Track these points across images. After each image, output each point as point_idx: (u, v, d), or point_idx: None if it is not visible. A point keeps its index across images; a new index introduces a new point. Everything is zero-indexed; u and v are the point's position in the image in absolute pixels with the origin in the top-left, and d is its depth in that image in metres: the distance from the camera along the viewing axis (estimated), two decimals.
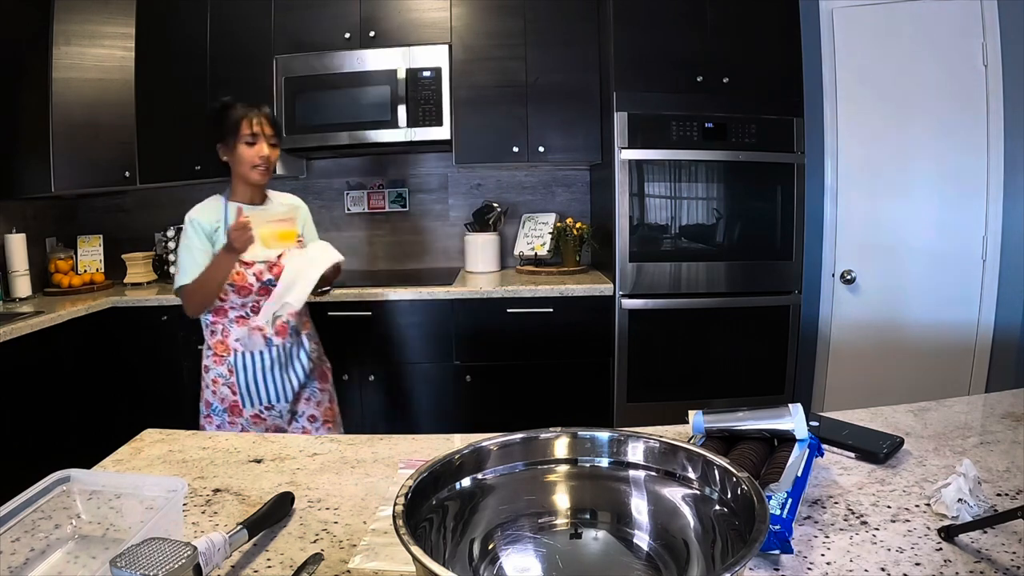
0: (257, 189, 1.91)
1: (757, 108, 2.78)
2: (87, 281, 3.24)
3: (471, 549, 0.66)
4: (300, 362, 1.90)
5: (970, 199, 2.85)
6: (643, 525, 0.69)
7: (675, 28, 2.78)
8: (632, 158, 2.77)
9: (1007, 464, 0.93)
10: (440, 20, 3.02)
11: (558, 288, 2.84)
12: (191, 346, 2.95)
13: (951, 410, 1.16)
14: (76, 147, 3.00)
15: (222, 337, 1.86)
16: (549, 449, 0.73)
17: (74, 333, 2.69)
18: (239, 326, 1.85)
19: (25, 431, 2.43)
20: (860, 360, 3.08)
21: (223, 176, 1.96)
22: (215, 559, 0.68)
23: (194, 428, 1.18)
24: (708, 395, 2.90)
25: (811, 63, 2.95)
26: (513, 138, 3.06)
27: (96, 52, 3.06)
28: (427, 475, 0.65)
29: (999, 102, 2.76)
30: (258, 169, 1.82)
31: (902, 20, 2.86)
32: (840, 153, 3.03)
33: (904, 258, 2.96)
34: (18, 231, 3.00)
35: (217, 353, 1.87)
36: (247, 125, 1.78)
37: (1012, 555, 0.70)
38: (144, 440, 1.15)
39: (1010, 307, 2.83)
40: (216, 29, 3.10)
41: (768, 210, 2.85)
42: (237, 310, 1.84)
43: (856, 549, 0.73)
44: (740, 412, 0.96)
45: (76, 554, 0.76)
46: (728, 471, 0.63)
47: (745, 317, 2.87)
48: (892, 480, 0.90)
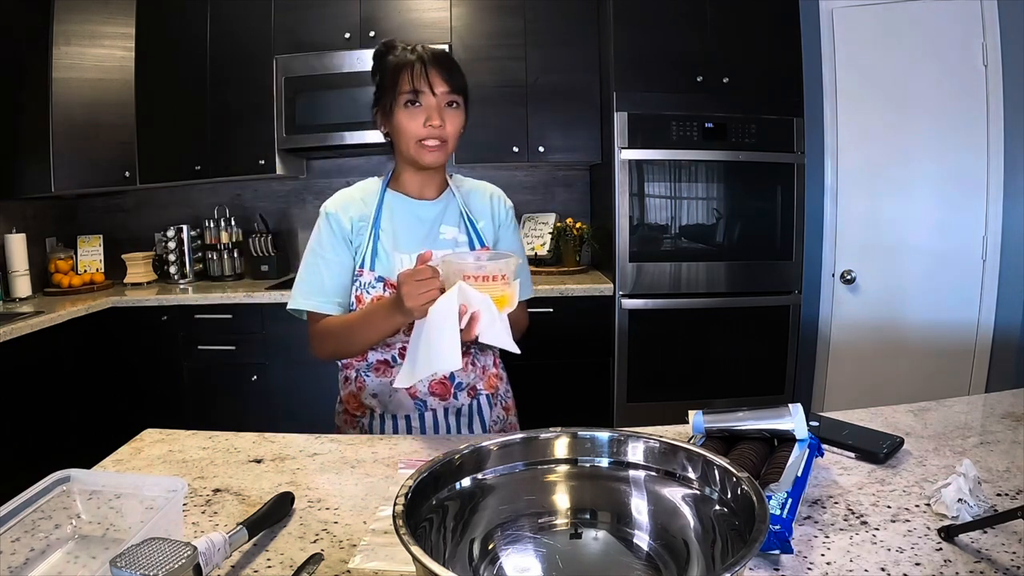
0: (430, 177, 1.31)
1: (757, 108, 2.78)
2: (87, 281, 3.24)
3: (471, 549, 0.66)
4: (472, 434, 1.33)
5: (970, 199, 2.85)
6: (643, 525, 0.69)
7: (675, 28, 2.78)
8: (632, 158, 2.77)
9: (1007, 464, 0.93)
10: (440, 20, 3.02)
11: (558, 288, 2.84)
12: (191, 346, 2.95)
13: (951, 410, 1.16)
14: (76, 147, 3.00)
15: (355, 389, 1.32)
16: (549, 449, 0.73)
17: (74, 333, 2.70)
18: (378, 375, 1.29)
19: (25, 431, 2.43)
20: (860, 360, 3.08)
21: (223, 176, 1.88)
22: (215, 559, 0.68)
23: (193, 428, 1.18)
24: (708, 395, 2.90)
25: (811, 63, 2.95)
26: (513, 138, 3.06)
27: (96, 52, 3.06)
28: (427, 475, 0.65)
29: (999, 102, 2.76)
30: (426, 146, 1.21)
31: (902, 20, 2.86)
32: (840, 153, 3.02)
33: (904, 258, 2.96)
34: (18, 231, 3.00)
35: (349, 411, 1.35)
36: (407, 79, 1.19)
37: (1012, 555, 0.70)
38: (144, 440, 1.15)
39: (1010, 307, 2.83)
40: (216, 29, 3.10)
41: (768, 210, 2.85)
42: (378, 352, 1.29)
43: (856, 549, 0.73)
44: (740, 412, 0.96)
45: (76, 554, 0.76)
46: (728, 471, 0.63)
47: (745, 317, 2.87)
48: (892, 480, 0.90)
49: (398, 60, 1.22)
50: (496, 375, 1.41)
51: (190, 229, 3.33)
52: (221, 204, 3.43)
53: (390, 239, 1.28)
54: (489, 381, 1.37)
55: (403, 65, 1.20)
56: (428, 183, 1.32)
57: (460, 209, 1.34)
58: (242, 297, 2.92)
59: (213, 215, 3.38)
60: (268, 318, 2.91)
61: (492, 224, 1.37)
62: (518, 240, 1.43)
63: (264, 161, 3.08)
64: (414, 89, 1.19)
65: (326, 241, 1.29)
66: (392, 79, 1.21)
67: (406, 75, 1.19)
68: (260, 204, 3.51)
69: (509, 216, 1.40)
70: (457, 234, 1.32)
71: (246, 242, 3.35)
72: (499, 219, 1.38)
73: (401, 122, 1.21)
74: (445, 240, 1.31)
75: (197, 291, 3.06)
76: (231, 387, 2.96)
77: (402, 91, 1.20)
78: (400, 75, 1.20)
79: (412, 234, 1.30)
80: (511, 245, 1.38)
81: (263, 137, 3.06)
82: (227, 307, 2.93)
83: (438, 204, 1.33)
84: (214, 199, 3.47)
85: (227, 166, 3.14)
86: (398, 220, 1.30)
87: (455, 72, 1.22)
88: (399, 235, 1.29)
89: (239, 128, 3.09)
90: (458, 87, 1.22)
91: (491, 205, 1.38)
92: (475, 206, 1.37)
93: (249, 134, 3.08)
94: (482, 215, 1.37)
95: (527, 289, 1.39)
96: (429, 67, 1.19)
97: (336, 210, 1.31)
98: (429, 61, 1.20)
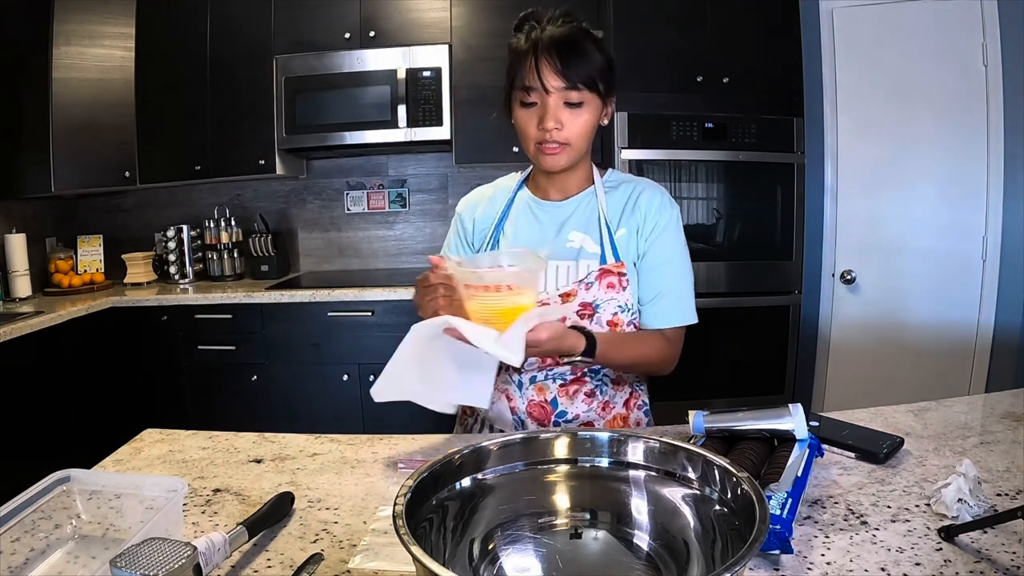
0: (561, 176, 1.17)
1: (757, 108, 2.78)
2: (87, 281, 3.23)
3: (471, 549, 0.66)
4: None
5: (970, 199, 2.84)
6: (643, 525, 0.69)
7: (675, 28, 2.78)
8: (632, 158, 2.77)
9: (1007, 464, 0.93)
10: (440, 20, 3.02)
11: None
12: (191, 346, 2.95)
13: (951, 410, 1.16)
14: (76, 147, 3.00)
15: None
16: (549, 449, 0.73)
17: (74, 333, 2.69)
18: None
19: (25, 431, 2.43)
20: (860, 360, 3.08)
21: (223, 176, 1.87)
22: (215, 559, 0.68)
23: (194, 428, 1.18)
24: (708, 395, 2.89)
25: (811, 63, 2.95)
26: (513, 138, 3.01)
27: (96, 52, 3.06)
28: (427, 475, 0.65)
29: (999, 102, 2.75)
30: (543, 151, 1.09)
31: (902, 20, 2.86)
32: (840, 153, 3.02)
33: (904, 258, 2.96)
34: (18, 231, 3.00)
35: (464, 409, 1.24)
36: (520, 71, 1.05)
37: (1012, 555, 0.70)
38: (144, 440, 1.15)
39: (1010, 307, 2.83)
40: (216, 29, 3.10)
41: (768, 210, 2.85)
42: None
43: (856, 549, 0.73)
44: (740, 412, 0.96)
45: (76, 554, 0.76)
46: (728, 471, 0.63)
47: (745, 317, 2.87)
48: (892, 480, 0.90)
49: (516, 45, 1.07)
50: (624, 416, 1.19)
51: (190, 229, 3.33)
52: (221, 204, 3.43)
53: (509, 242, 1.18)
54: (613, 422, 1.17)
55: (520, 53, 1.05)
56: (558, 182, 1.18)
57: (599, 213, 1.15)
58: (242, 297, 2.92)
59: (213, 215, 3.38)
60: (268, 318, 2.91)
61: (636, 235, 1.14)
62: (673, 252, 1.15)
63: (264, 161, 3.08)
64: (526, 86, 1.05)
65: (451, 242, 1.25)
66: (510, 68, 1.07)
67: (520, 66, 1.04)
68: (260, 204, 3.51)
69: (662, 224, 1.14)
70: (585, 241, 1.15)
71: (246, 242, 3.35)
72: (647, 227, 1.14)
73: (518, 121, 1.10)
74: (570, 248, 1.15)
75: (197, 291, 3.06)
76: (231, 387, 2.96)
77: (517, 86, 1.06)
78: (516, 65, 1.06)
79: (530, 237, 1.17)
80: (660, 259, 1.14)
81: (263, 137, 3.06)
82: (227, 307, 2.93)
83: (566, 206, 1.17)
84: (214, 199, 3.47)
85: (227, 166, 3.14)
86: (521, 222, 1.19)
87: (577, 62, 1.02)
88: (518, 238, 1.18)
89: (239, 128, 3.09)
90: (582, 81, 1.03)
91: (638, 210, 1.15)
92: (618, 210, 1.16)
93: (249, 134, 3.08)
94: (625, 222, 1.15)
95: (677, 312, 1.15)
96: (541, 58, 1.02)
97: (463, 210, 1.24)
98: (543, 49, 1.02)
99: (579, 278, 1.13)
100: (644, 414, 1.26)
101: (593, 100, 1.07)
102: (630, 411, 1.22)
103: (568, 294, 1.12)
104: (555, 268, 1.14)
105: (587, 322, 1.12)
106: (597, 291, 1.12)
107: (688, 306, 1.17)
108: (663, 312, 1.15)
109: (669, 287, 1.14)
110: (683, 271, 1.17)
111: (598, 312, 1.12)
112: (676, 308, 1.16)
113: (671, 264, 1.15)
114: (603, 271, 1.12)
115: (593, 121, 1.09)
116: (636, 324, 1.16)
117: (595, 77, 1.05)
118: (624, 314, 1.13)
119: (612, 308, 1.12)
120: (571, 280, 1.13)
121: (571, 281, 1.13)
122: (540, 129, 1.06)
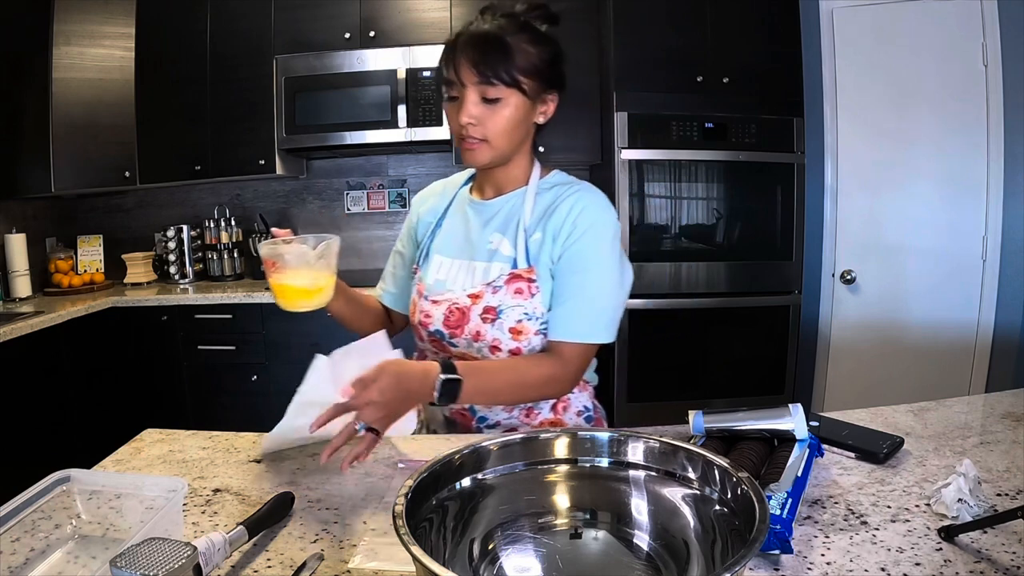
0: (492, 173, 1.14)
1: (757, 108, 2.78)
2: (87, 281, 3.24)
3: (471, 549, 0.66)
4: None
5: (970, 199, 2.84)
6: (643, 525, 0.69)
7: (675, 28, 2.78)
8: (632, 158, 2.77)
9: (1007, 464, 0.93)
10: (440, 20, 3.02)
11: None
12: (191, 346, 2.95)
13: (951, 410, 1.16)
14: (76, 147, 3.00)
15: None
16: (549, 449, 0.73)
17: (74, 333, 2.69)
18: None
19: (25, 431, 2.43)
20: (860, 360, 3.08)
21: (223, 176, 1.88)
22: (215, 559, 0.68)
23: (194, 428, 1.18)
24: (708, 395, 2.90)
25: (811, 63, 2.95)
26: None
27: (96, 52, 3.06)
28: (427, 475, 0.65)
29: (999, 102, 2.75)
30: (463, 146, 1.06)
31: (902, 20, 2.86)
32: (840, 153, 3.02)
33: (904, 258, 2.96)
34: (18, 231, 3.00)
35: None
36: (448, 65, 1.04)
37: (1012, 555, 0.70)
38: (144, 440, 1.15)
39: (1010, 307, 2.83)
40: (216, 29, 3.10)
41: (768, 210, 2.85)
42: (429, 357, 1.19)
43: (856, 549, 0.73)
44: (740, 412, 0.96)
45: (76, 554, 0.76)
46: (728, 471, 0.63)
47: (745, 317, 2.87)
48: (892, 480, 0.90)
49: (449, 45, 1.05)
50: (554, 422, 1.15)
51: (190, 229, 3.33)
52: (221, 204, 3.43)
53: (441, 239, 1.19)
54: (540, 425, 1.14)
55: (446, 47, 1.05)
56: (490, 180, 1.15)
57: (520, 214, 1.11)
58: (242, 297, 2.92)
59: (213, 215, 3.38)
60: (268, 318, 2.91)
61: (552, 240, 1.08)
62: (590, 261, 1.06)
63: (264, 161, 3.08)
64: (447, 79, 1.04)
65: (402, 232, 1.28)
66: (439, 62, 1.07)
67: (445, 60, 1.04)
68: (260, 204, 3.51)
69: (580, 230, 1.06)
70: (503, 244, 1.11)
71: (246, 242, 3.35)
72: (564, 233, 1.07)
73: (446, 114, 1.08)
74: (489, 249, 1.12)
75: (197, 291, 3.06)
76: (231, 387, 2.96)
77: (442, 79, 1.06)
78: (443, 59, 1.05)
79: (457, 236, 1.17)
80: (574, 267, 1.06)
81: (263, 137, 3.06)
82: (227, 307, 2.93)
83: (493, 206, 1.14)
84: (214, 199, 3.47)
85: (227, 166, 3.14)
86: (453, 219, 1.19)
87: (495, 58, 1.00)
88: (447, 236, 1.19)
89: (239, 128, 3.09)
90: (497, 76, 1.00)
91: (558, 214, 1.08)
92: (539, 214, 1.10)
93: (249, 134, 3.08)
94: (543, 227, 1.09)
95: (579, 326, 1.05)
96: (460, 52, 1.01)
97: (415, 203, 1.27)
98: (462, 44, 1.02)
99: (488, 280, 1.09)
100: (586, 420, 1.18)
101: (514, 96, 1.02)
102: (560, 415, 1.16)
103: (475, 295, 1.09)
104: (471, 268, 1.12)
105: (488, 326, 1.07)
106: (504, 295, 1.07)
107: (599, 323, 1.06)
108: (561, 324, 1.06)
109: (576, 298, 1.05)
110: (598, 282, 1.06)
111: (500, 317, 1.07)
112: (578, 322, 1.06)
113: (586, 273, 1.06)
114: (513, 275, 1.08)
115: (516, 118, 1.04)
116: (546, 334, 1.08)
117: (515, 74, 1.01)
118: (530, 322, 1.07)
119: (517, 315, 1.06)
120: (480, 281, 1.10)
121: (480, 282, 1.10)
122: (459, 123, 1.04)
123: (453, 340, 1.11)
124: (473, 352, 1.10)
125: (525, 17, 1.06)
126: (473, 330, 1.09)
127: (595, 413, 1.21)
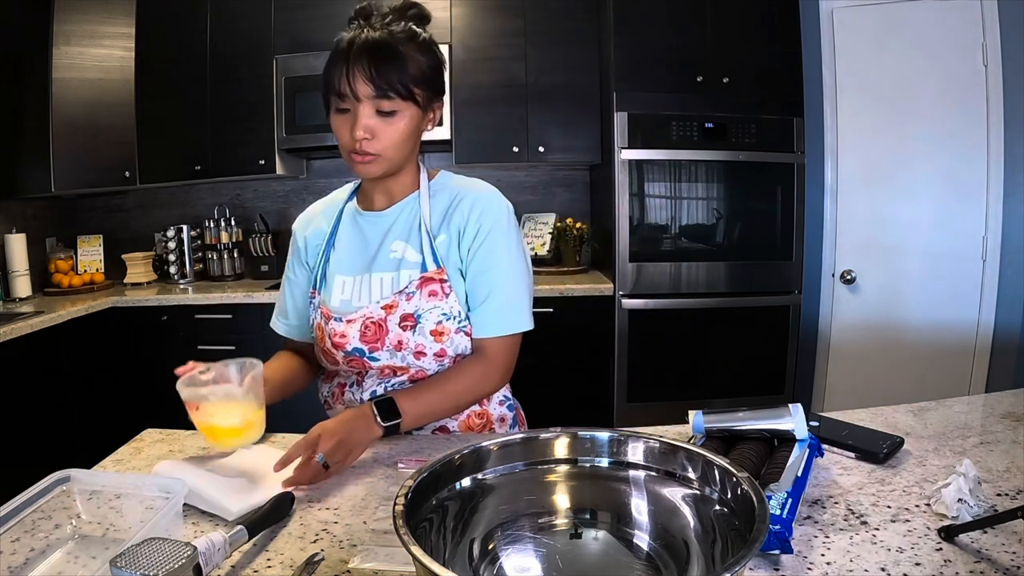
0: (383, 183, 1.13)
1: (757, 108, 2.78)
2: (87, 281, 3.24)
3: (471, 549, 0.66)
4: None
5: (970, 199, 2.84)
6: (643, 525, 0.69)
7: (675, 28, 2.78)
8: (632, 158, 2.77)
9: (1007, 464, 0.93)
10: (440, 20, 3.02)
11: (558, 288, 2.84)
12: (191, 346, 2.95)
13: (951, 410, 1.16)
14: (76, 147, 3.00)
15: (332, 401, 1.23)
16: (549, 449, 0.73)
17: (74, 333, 2.70)
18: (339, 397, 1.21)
19: (25, 431, 2.43)
20: (860, 360, 3.08)
21: (223, 176, 1.88)
22: (215, 559, 0.68)
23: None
24: (708, 395, 2.90)
25: (811, 63, 2.95)
26: (513, 138, 3.06)
27: (96, 52, 3.06)
28: (427, 475, 0.65)
29: (999, 102, 2.76)
30: (354, 160, 1.04)
31: (902, 20, 2.86)
32: (840, 153, 3.02)
33: (904, 258, 2.96)
34: (18, 231, 3.00)
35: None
36: (339, 76, 0.99)
37: (1012, 555, 0.70)
38: (144, 440, 1.15)
39: (1010, 307, 2.83)
40: (216, 29, 3.10)
41: (768, 210, 2.85)
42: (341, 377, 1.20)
43: (856, 549, 0.73)
44: (740, 412, 0.96)
45: (76, 554, 0.76)
46: (728, 471, 0.63)
47: (745, 317, 2.87)
48: (892, 480, 0.90)
49: (336, 46, 1.00)
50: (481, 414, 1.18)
51: (190, 229, 3.33)
52: (221, 204, 3.43)
53: (339, 257, 1.15)
54: (469, 420, 1.17)
55: (335, 56, 0.99)
56: (381, 191, 1.13)
57: (420, 219, 1.11)
58: (242, 297, 2.92)
59: (213, 215, 3.38)
60: (268, 318, 2.90)
61: (457, 240, 1.10)
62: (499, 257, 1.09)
63: (264, 161, 3.08)
64: (339, 92, 0.99)
65: (290, 261, 1.23)
66: (326, 71, 1.01)
67: (334, 70, 0.99)
68: (260, 204, 3.51)
69: (486, 228, 1.09)
70: (407, 251, 1.11)
71: (246, 242, 3.35)
72: (470, 233, 1.09)
73: (333, 127, 1.04)
74: (393, 258, 1.11)
75: (197, 291, 3.06)
76: None
77: (331, 90, 1.00)
78: (331, 68, 1.00)
79: (355, 253, 1.15)
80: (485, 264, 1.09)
81: (263, 137, 3.07)
82: (227, 307, 2.93)
83: (388, 215, 1.13)
84: (214, 199, 3.47)
85: (227, 166, 3.14)
86: (347, 236, 1.16)
87: (390, 69, 0.97)
88: (344, 253, 1.15)
89: (239, 128, 3.09)
90: (394, 89, 0.98)
91: (459, 214, 1.10)
92: (439, 215, 1.11)
93: (249, 134, 3.08)
94: (446, 228, 1.10)
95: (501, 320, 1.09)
96: (353, 64, 0.97)
97: (296, 228, 1.22)
98: (355, 55, 0.97)
99: (399, 288, 1.09)
100: (508, 409, 1.22)
101: (409, 108, 1.02)
102: (485, 406, 1.19)
103: (390, 306, 1.08)
104: (379, 280, 1.11)
105: (409, 334, 1.08)
106: (419, 300, 1.07)
107: (517, 313, 1.10)
108: (485, 320, 1.09)
109: (493, 295, 1.08)
110: (511, 275, 1.10)
111: (420, 322, 1.07)
112: (500, 316, 1.09)
113: (497, 269, 1.09)
114: (424, 279, 1.08)
115: (409, 129, 1.03)
116: (468, 331, 1.10)
117: (410, 85, 1.00)
118: (450, 322, 1.08)
119: (436, 317, 1.07)
120: (391, 291, 1.09)
121: (391, 292, 1.09)
122: (352, 137, 1.01)
123: (374, 355, 1.10)
124: (397, 362, 1.10)
125: (406, 21, 1.04)
126: (394, 340, 1.08)
127: (513, 402, 1.26)
